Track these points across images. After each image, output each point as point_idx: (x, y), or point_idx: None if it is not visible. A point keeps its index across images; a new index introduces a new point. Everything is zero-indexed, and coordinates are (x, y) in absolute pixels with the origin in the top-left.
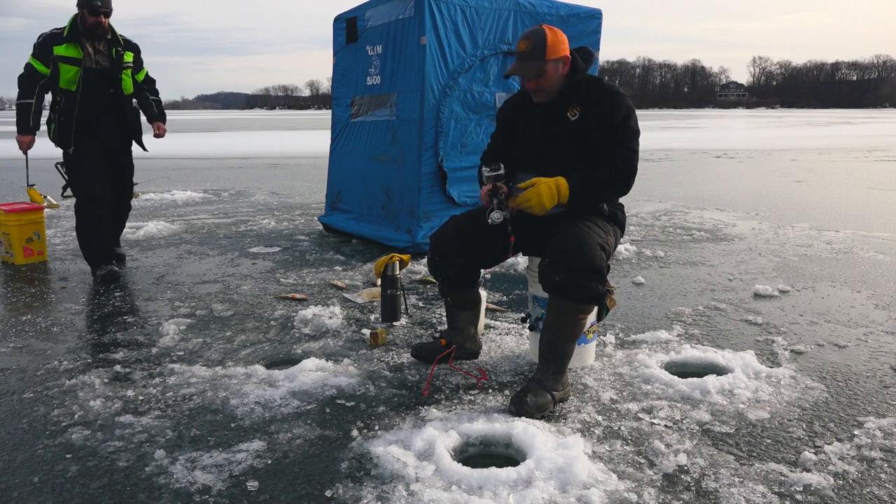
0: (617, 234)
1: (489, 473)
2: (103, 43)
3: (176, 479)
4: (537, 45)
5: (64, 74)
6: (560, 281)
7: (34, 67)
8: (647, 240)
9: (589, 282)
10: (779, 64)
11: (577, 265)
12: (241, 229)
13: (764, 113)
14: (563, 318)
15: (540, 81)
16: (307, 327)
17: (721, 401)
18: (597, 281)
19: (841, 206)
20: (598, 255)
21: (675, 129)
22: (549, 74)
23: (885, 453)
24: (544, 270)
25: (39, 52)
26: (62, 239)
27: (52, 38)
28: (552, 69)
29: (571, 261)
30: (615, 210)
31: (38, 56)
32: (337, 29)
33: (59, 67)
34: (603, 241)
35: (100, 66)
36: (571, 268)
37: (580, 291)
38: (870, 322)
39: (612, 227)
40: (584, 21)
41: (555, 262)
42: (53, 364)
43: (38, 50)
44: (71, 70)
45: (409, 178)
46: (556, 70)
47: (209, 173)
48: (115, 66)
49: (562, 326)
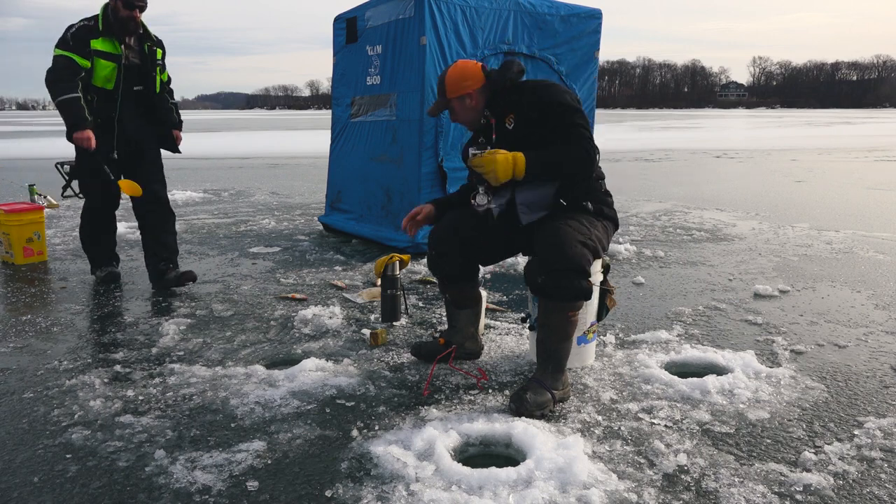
0: (607, 227)
1: (489, 473)
2: (134, 38)
3: (176, 479)
4: (440, 87)
5: (100, 71)
6: (543, 282)
7: (73, 60)
8: (647, 240)
9: (571, 280)
10: (779, 64)
11: (557, 265)
12: (241, 229)
13: (764, 113)
14: (553, 318)
15: (453, 117)
16: (307, 327)
17: (721, 401)
18: (579, 278)
19: (841, 206)
20: (578, 253)
21: (675, 129)
22: (456, 111)
23: (885, 453)
24: (528, 274)
25: (75, 45)
26: (62, 239)
27: (87, 30)
28: (458, 105)
29: (552, 261)
30: (600, 206)
31: (75, 49)
32: (337, 29)
33: (96, 63)
34: (585, 238)
35: (132, 63)
36: (552, 268)
37: (563, 291)
38: (870, 322)
39: (599, 221)
40: (584, 21)
41: (536, 264)
42: (53, 364)
43: (73, 42)
44: (108, 67)
45: (409, 178)
46: (463, 105)
47: (209, 173)
48: (149, 63)
49: (553, 326)
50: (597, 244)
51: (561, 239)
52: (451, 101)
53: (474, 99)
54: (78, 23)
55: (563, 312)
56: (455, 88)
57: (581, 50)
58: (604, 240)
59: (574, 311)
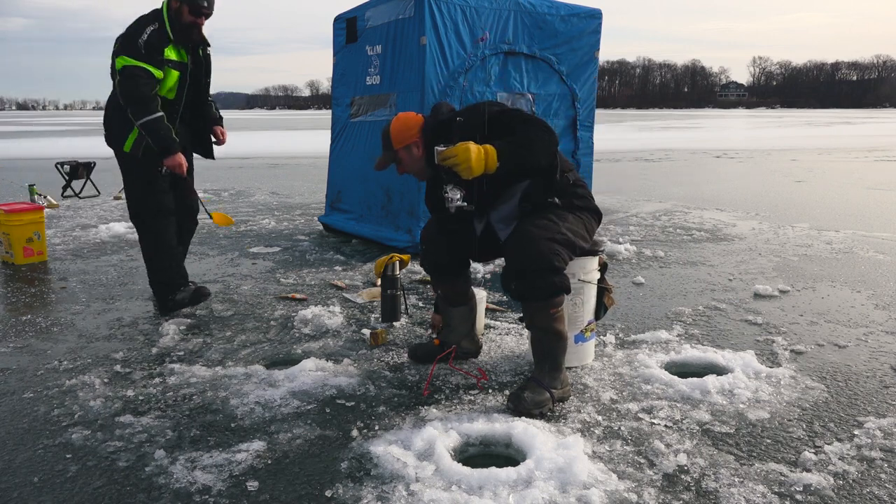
0: (582, 218)
1: (489, 473)
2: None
3: (176, 479)
4: (385, 140)
5: (168, 81)
6: (517, 288)
7: (150, 72)
8: (647, 240)
9: (544, 279)
10: (779, 64)
11: (526, 267)
12: (241, 229)
13: (764, 113)
14: (537, 319)
15: (400, 168)
16: (307, 327)
17: (721, 401)
18: (552, 275)
19: (841, 206)
20: (546, 250)
21: (675, 129)
22: (404, 161)
23: (885, 453)
24: (502, 281)
25: (148, 54)
26: (62, 239)
27: (159, 37)
28: (405, 155)
29: (521, 265)
30: (569, 199)
31: (148, 58)
32: (337, 29)
33: (167, 73)
34: (553, 233)
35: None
36: (522, 271)
37: (538, 291)
38: (870, 322)
39: (570, 213)
40: (584, 21)
41: (507, 270)
42: (53, 364)
43: (145, 51)
44: (175, 76)
45: (409, 178)
46: (410, 155)
47: (209, 173)
48: (203, 70)
49: (540, 326)
50: (569, 235)
51: (526, 241)
52: (398, 151)
53: (420, 147)
54: (143, 27)
55: (545, 311)
56: (400, 139)
57: (581, 50)
58: (579, 230)
59: (556, 308)
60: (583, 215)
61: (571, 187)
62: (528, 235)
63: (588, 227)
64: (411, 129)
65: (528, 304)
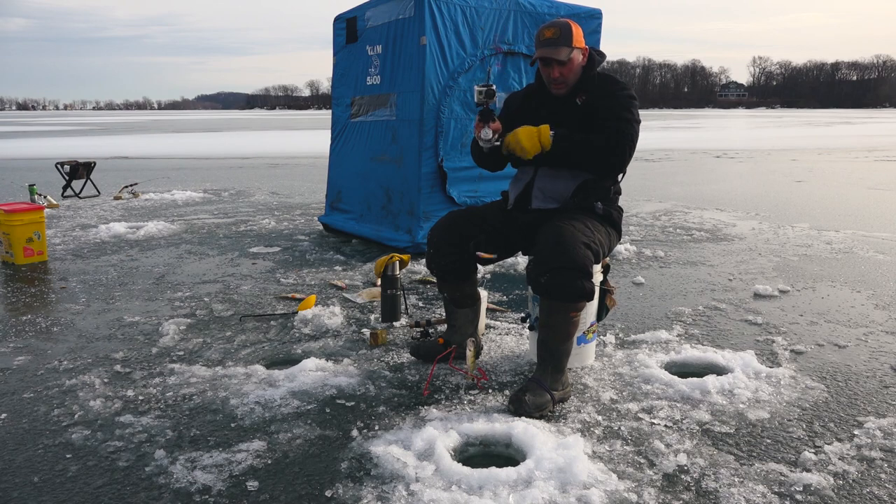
0: (611, 235)
1: (489, 473)
2: None
3: (176, 479)
4: (564, 32)
5: None
6: (545, 283)
7: None
8: (647, 240)
9: (573, 280)
10: (779, 64)
11: (559, 265)
12: (241, 229)
13: (764, 113)
14: (554, 318)
15: (564, 70)
16: (307, 327)
17: (721, 401)
18: (581, 279)
19: (841, 206)
20: (580, 254)
21: (675, 129)
22: (573, 62)
23: (885, 453)
24: (530, 273)
25: None
26: (62, 239)
27: None
28: (576, 57)
29: (554, 261)
30: (610, 210)
31: None
32: (337, 29)
33: None
34: (588, 240)
35: None
36: (554, 268)
37: (565, 291)
38: (870, 322)
39: (604, 226)
40: (584, 21)
41: (538, 263)
42: (53, 364)
43: None
44: None
45: (409, 178)
46: (578, 59)
47: (209, 173)
48: None
49: (554, 326)
50: (599, 248)
51: (564, 239)
52: (574, 49)
53: (585, 57)
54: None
55: (565, 313)
56: (578, 39)
57: None
58: (606, 245)
59: (576, 312)
60: (611, 231)
61: (615, 199)
62: (567, 234)
63: (611, 244)
64: (582, 36)
65: (551, 303)
